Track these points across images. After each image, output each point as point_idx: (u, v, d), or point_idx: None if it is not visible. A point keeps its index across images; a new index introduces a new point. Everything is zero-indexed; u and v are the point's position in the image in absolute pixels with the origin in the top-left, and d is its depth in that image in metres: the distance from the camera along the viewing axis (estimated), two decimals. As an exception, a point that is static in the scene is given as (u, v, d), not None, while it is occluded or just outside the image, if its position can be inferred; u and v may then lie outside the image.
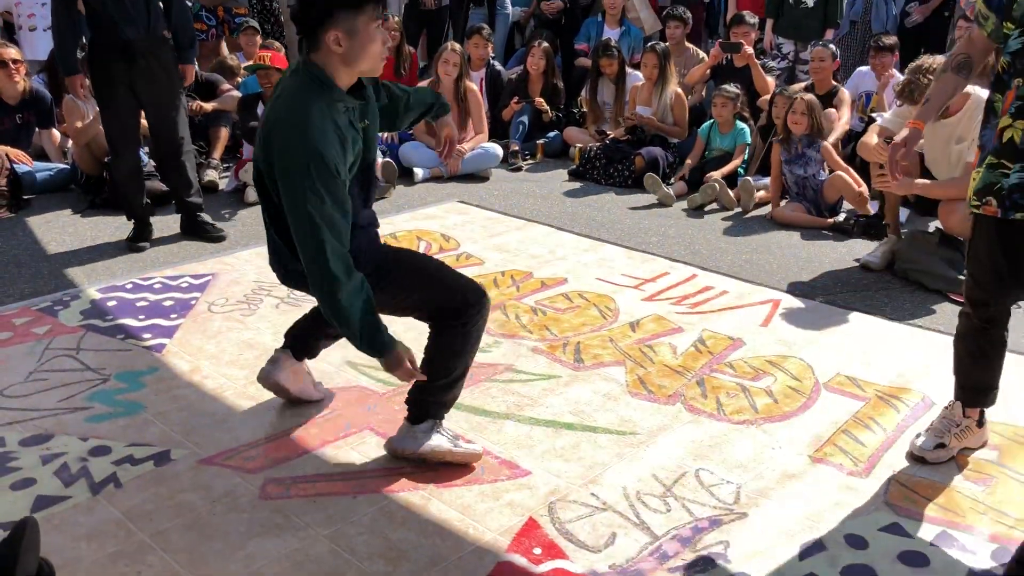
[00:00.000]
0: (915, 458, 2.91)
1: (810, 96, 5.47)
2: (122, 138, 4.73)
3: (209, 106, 6.19)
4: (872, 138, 4.60)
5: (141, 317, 3.91)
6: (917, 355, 3.66)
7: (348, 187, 2.54)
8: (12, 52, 5.83)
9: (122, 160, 4.78)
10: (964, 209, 4.27)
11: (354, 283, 2.49)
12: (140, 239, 4.83)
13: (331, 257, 2.44)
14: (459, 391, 2.89)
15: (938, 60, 4.17)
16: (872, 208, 5.19)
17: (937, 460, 2.88)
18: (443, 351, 2.77)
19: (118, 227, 5.08)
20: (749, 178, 5.71)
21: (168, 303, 4.07)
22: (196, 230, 4.99)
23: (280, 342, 3.60)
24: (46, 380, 3.35)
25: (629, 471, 2.82)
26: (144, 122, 4.99)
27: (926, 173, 4.51)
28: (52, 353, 3.56)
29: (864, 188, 5.18)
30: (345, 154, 2.49)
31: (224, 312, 3.98)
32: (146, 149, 5.71)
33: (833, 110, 6.12)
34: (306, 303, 4.06)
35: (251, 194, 5.56)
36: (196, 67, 5.13)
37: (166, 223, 5.19)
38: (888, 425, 3.12)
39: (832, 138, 5.86)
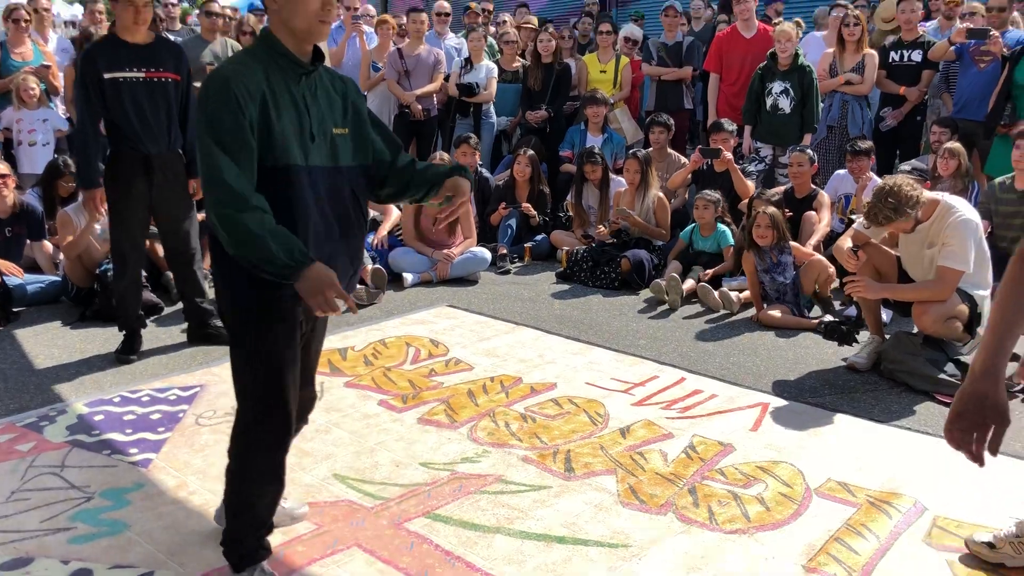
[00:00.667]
0: (967, 545, 2.96)
1: (772, 209, 5.60)
2: (132, 251, 4.85)
3: (201, 215, 6.28)
4: (847, 242, 4.70)
5: (128, 431, 3.88)
6: (907, 458, 3.66)
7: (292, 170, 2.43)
8: (1, 167, 5.95)
9: (127, 272, 4.86)
10: (937, 310, 4.36)
11: (259, 208, 2.32)
12: (130, 351, 4.83)
13: (229, 177, 2.30)
14: (251, 532, 2.69)
15: (899, 179, 4.27)
16: (851, 310, 5.27)
17: (978, 554, 2.90)
18: (228, 469, 2.68)
19: (107, 339, 5.09)
20: (725, 289, 5.79)
21: (156, 416, 4.04)
22: (207, 336, 5.07)
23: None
24: (28, 500, 3.30)
25: (621, 586, 2.78)
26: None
27: (905, 276, 4.60)
28: (36, 471, 3.52)
29: (833, 269, 5.30)
30: (268, 106, 2.39)
31: (212, 424, 3.96)
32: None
33: (813, 212, 6.26)
34: (294, 414, 4.05)
35: (241, 303, 5.59)
36: None
37: (155, 335, 5.20)
38: (881, 532, 3.09)
39: (813, 240, 5.99)
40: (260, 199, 2.35)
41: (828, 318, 5.33)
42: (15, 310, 5.56)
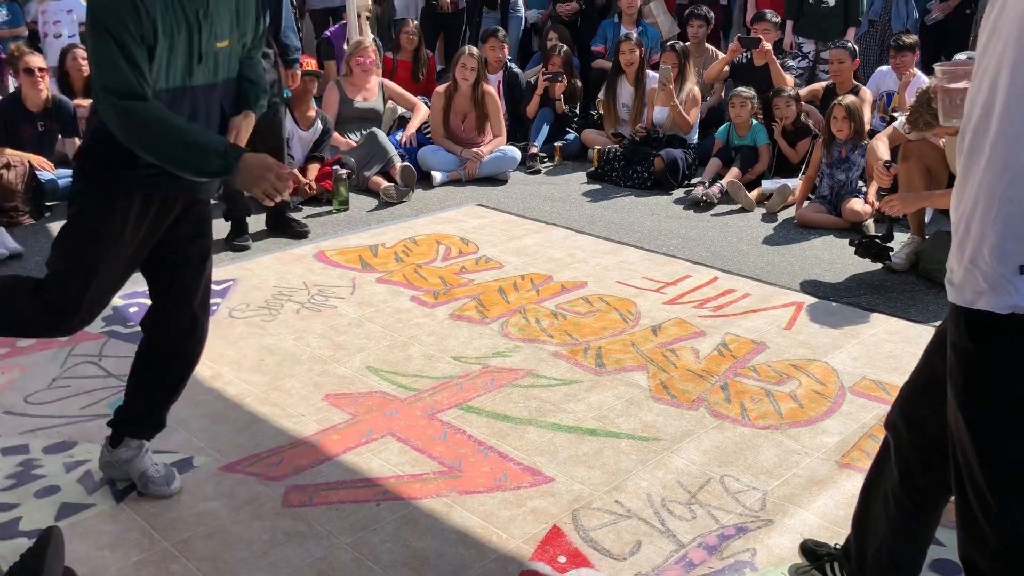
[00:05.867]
0: None
1: (851, 98, 5.39)
2: None
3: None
4: (881, 145, 4.51)
5: (163, 323, 3.92)
6: (944, 358, 3.61)
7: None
8: (38, 60, 5.85)
9: None
10: None
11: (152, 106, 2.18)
12: (244, 238, 5.01)
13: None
14: None
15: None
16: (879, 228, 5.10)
17: None
18: None
19: (139, 233, 5.11)
20: (788, 183, 5.64)
21: (189, 309, 4.07)
22: (281, 226, 5.19)
23: (301, 348, 3.63)
24: (69, 387, 3.36)
25: (653, 478, 2.80)
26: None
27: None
28: (75, 360, 3.58)
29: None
30: (157, 29, 2.15)
31: (245, 318, 3.98)
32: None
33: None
34: (325, 309, 4.07)
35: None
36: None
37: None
38: (916, 430, 3.07)
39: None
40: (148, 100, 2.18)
41: (872, 230, 5.14)
42: (48, 204, 5.58)
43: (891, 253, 4.59)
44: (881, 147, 4.51)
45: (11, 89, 5.92)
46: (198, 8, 2.24)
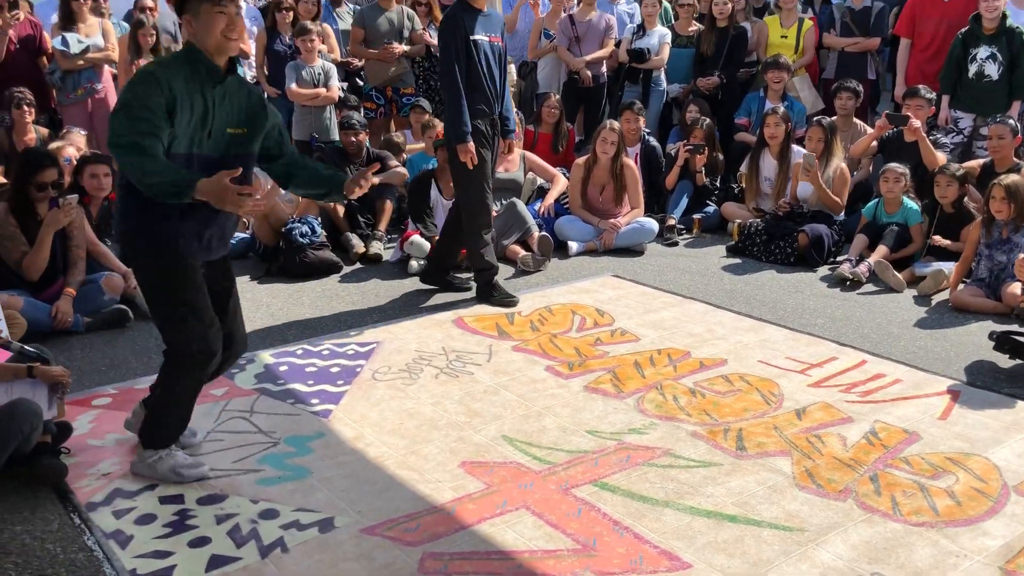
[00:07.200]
0: None
1: (1013, 177, 5.15)
2: (489, 205, 5.23)
3: (376, 179, 6.47)
4: None
5: (310, 383, 4.08)
6: (1123, 460, 3.32)
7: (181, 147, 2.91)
8: None
9: (488, 225, 5.25)
10: None
11: (152, 157, 2.79)
12: (508, 295, 5.21)
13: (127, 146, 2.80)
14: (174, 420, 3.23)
15: None
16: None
17: None
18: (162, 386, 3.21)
19: (291, 294, 5.36)
20: (943, 267, 5.40)
21: (335, 369, 4.22)
22: (446, 283, 5.48)
23: (439, 413, 3.70)
24: (222, 440, 3.52)
25: (797, 570, 2.67)
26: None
27: None
28: (228, 414, 3.76)
29: None
30: (176, 103, 2.86)
31: (387, 380, 4.09)
32: (319, 219, 6.03)
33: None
34: (462, 375, 4.13)
35: (414, 265, 5.75)
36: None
37: (336, 293, 5.43)
38: (1092, 539, 2.83)
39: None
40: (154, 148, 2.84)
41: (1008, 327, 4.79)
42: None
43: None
44: None
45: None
46: (215, 96, 2.98)
